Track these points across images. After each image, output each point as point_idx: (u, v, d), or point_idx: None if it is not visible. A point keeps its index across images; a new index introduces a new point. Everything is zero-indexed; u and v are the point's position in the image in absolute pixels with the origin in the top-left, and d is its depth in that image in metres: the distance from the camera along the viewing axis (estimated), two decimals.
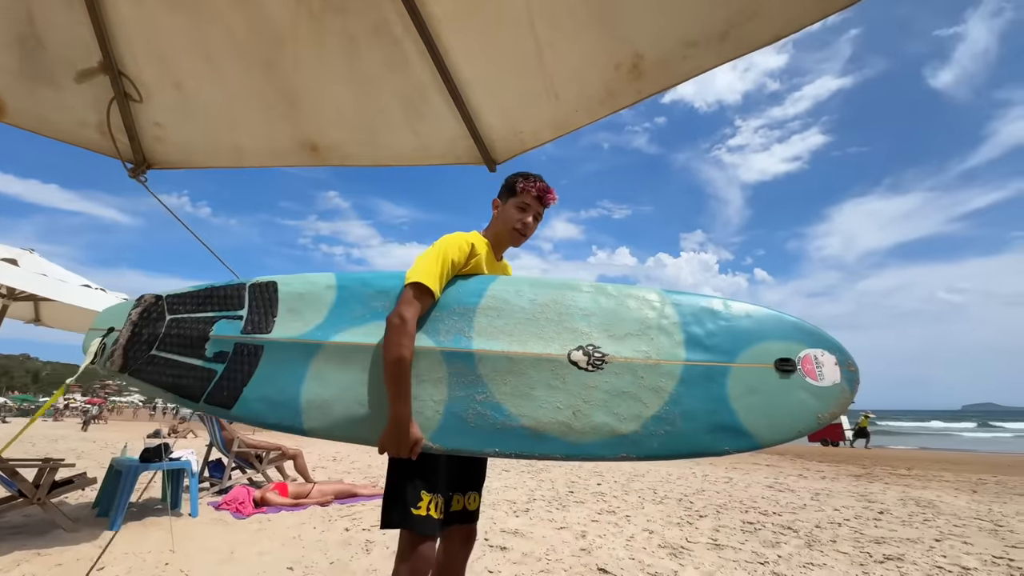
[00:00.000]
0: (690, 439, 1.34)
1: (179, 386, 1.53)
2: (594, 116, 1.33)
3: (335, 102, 1.50)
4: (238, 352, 1.53)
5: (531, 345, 1.42)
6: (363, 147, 1.63)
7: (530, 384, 1.39)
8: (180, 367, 1.55)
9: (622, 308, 1.47)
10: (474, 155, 1.63)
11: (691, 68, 1.11)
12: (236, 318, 1.57)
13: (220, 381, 1.51)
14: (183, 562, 2.93)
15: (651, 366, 1.38)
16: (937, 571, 3.03)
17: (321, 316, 1.53)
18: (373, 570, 2.85)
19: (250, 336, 1.53)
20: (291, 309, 1.57)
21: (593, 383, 1.37)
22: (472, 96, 1.45)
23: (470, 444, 1.37)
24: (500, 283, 1.53)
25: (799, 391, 1.34)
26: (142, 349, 1.58)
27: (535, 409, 1.37)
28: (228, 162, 1.64)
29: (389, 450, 1.32)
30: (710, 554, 3.30)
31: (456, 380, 1.41)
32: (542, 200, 1.58)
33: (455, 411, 1.38)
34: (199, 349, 1.55)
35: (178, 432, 16.42)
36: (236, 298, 1.60)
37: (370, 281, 1.57)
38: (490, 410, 1.37)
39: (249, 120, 1.56)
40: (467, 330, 1.45)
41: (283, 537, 3.51)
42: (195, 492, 4.19)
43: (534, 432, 1.36)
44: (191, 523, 3.87)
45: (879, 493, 6.17)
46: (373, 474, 6.73)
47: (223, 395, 1.50)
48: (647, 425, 1.34)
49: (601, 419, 1.34)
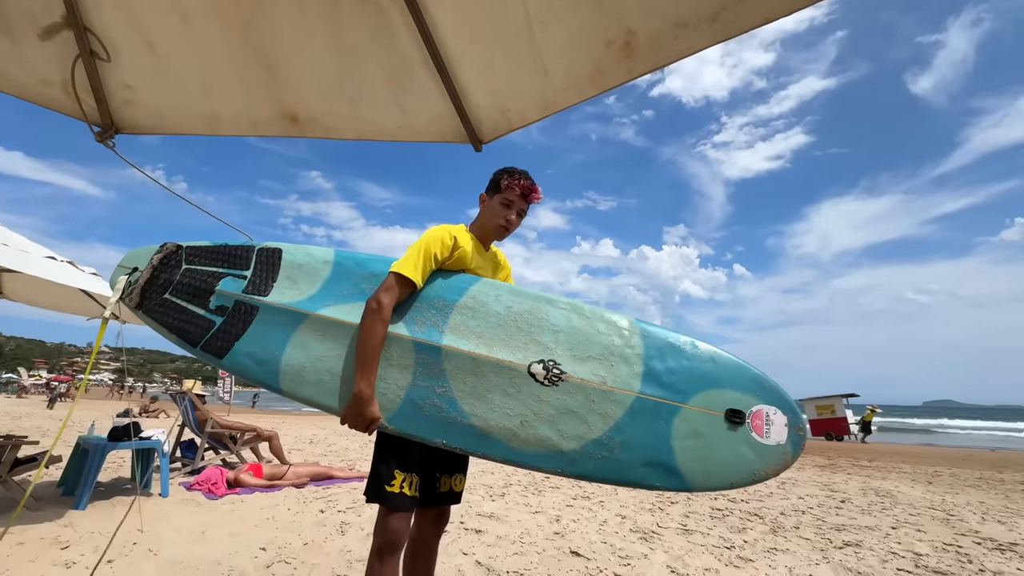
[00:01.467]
0: (624, 469, 1.37)
1: (182, 330, 1.67)
2: (583, 95, 1.30)
3: (317, 71, 1.44)
4: (237, 309, 1.65)
5: (497, 350, 1.48)
6: (345, 120, 1.57)
7: (488, 387, 1.45)
8: (185, 313, 1.68)
9: (591, 330, 1.50)
10: (460, 133, 1.59)
11: (682, 48, 1.09)
12: (241, 277, 1.70)
13: (217, 332, 1.64)
14: (151, 541, 2.88)
15: (604, 392, 1.42)
16: (892, 557, 3.17)
17: (314, 288, 1.64)
18: (347, 551, 2.84)
19: (250, 296, 1.65)
20: (289, 277, 1.67)
21: (546, 397, 1.43)
22: (459, 71, 1.41)
23: (422, 432, 1.44)
24: (482, 285, 1.59)
25: (742, 445, 1.35)
26: (157, 291, 1.73)
27: (487, 411, 1.43)
28: (203, 129, 1.57)
29: (348, 422, 1.41)
30: (679, 539, 3.39)
31: (421, 370, 1.48)
32: (526, 198, 1.64)
33: (414, 399, 1.46)
34: (204, 300, 1.68)
35: (149, 411, 16.07)
36: (244, 259, 1.72)
37: (364, 263, 1.66)
38: (446, 404, 1.45)
39: (226, 86, 1.49)
40: (441, 325, 1.52)
41: (256, 518, 3.47)
42: (166, 472, 4.12)
43: (481, 432, 1.42)
44: (161, 503, 3.81)
45: (842, 483, 6.41)
46: (350, 456, 6.70)
47: (217, 345, 1.63)
48: (587, 447, 1.38)
49: (545, 433, 1.40)
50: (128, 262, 1.81)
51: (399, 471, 1.43)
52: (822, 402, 22.10)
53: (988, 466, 10.08)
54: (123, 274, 1.77)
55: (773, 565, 2.91)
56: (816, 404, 22.14)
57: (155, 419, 14.73)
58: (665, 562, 2.89)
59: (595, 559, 2.88)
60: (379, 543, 1.40)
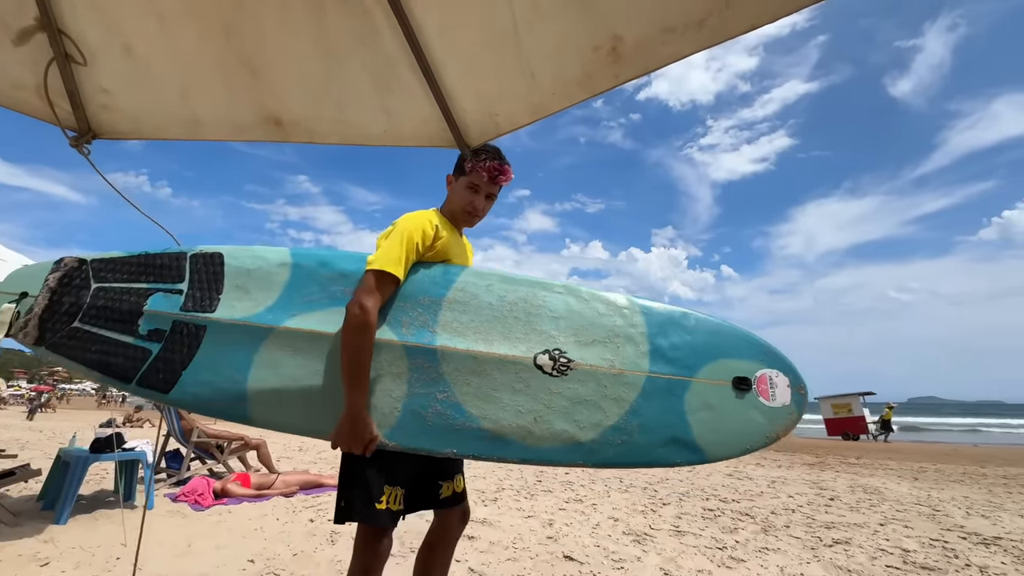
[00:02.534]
0: (645, 451, 1.33)
1: (106, 364, 1.39)
2: (572, 100, 1.30)
3: (301, 74, 1.41)
4: (176, 331, 1.40)
5: (497, 345, 1.38)
6: (330, 124, 1.55)
7: (493, 386, 1.34)
8: (108, 343, 1.40)
9: (592, 313, 1.44)
10: (447, 138, 1.58)
11: (669, 54, 1.10)
12: (175, 292, 1.44)
13: (155, 362, 1.38)
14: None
15: (615, 375, 1.37)
16: (880, 553, 3.21)
17: (272, 297, 1.42)
18: (337, 561, 2.80)
19: (191, 314, 1.41)
20: (238, 286, 1.44)
21: (557, 388, 1.35)
22: (445, 75, 1.39)
23: (427, 444, 1.32)
24: (469, 275, 1.47)
25: (752, 410, 1.35)
26: (62, 320, 1.42)
27: (497, 412, 1.33)
28: (183, 133, 1.54)
29: (342, 445, 1.26)
30: (672, 540, 3.39)
31: (417, 377, 1.35)
32: (494, 180, 1.51)
33: (414, 409, 1.33)
34: (131, 324, 1.41)
35: (133, 421, 15.77)
36: (175, 269, 1.45)
37: (329, 262, 1.46)
38: (451, 410, 1.33)
39: (207, 89, 1.46)
40: (431, 324, 1.38)
41: (244, 529, 3.41)
42: (150, 484, 4.03)
43: (494, 435, 1.32)
44: (146, 516, 3.72)
45: (830, 481, 6.48)
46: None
47: (158, 377, 1.37)
48: (605, 435, 1.32)
49: (561, 426, 1.32)
50: (11, 286, 1.47)
51: (388, 485, 1.31)
52: (838, 401, 21.27)
53: (971, 461, 10.28)
54: (7, 300, 1.44)
55: (765, 565, 2.93)
56: (832, 403, 21.35)
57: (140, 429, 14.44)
58: (658, 564, 2.89)
59: (588, 563, 2.87)
60: (365, 564, 1.29)
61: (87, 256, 1.49)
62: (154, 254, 1.49)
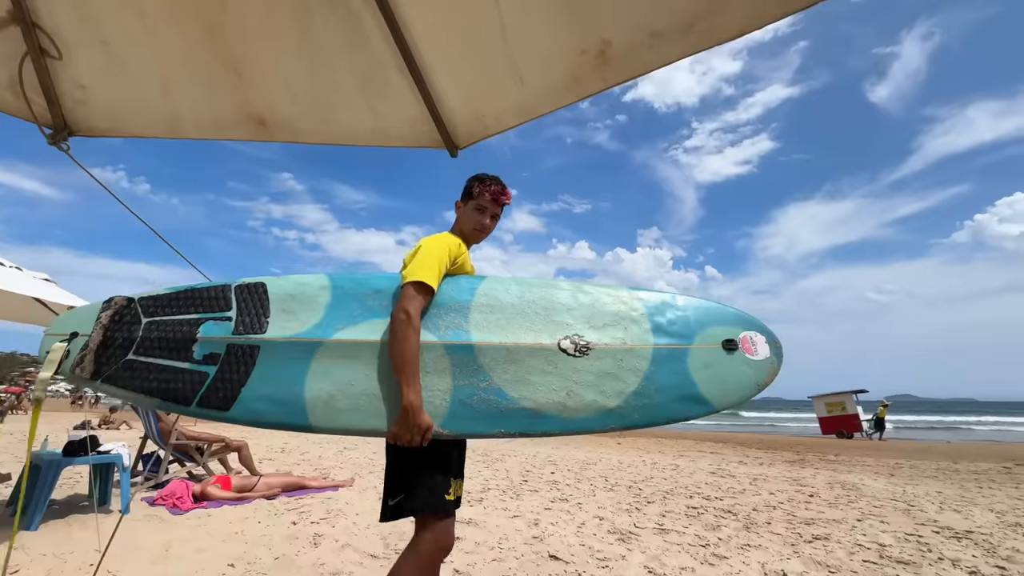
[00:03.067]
0: (664, 409, 1.55)
1: (165, 390, 1.49)
2: (559, 102, 1.30)
3: (285, 74, 1.39)
4: (232, 353, 1.52)
5: (524, 336, 1.58)
6: (316, 124, 1.53)
7: (527, 370, 1.54)
8: (166, 371, 1.51)
9: (598, 303, 1.67)
10: (435, 139, 1.57)
11: (656, 58, 1.10)
12: (225, 319, 1.57)
13: (214, 383, 1.49)
14: (110, 562, 2.74)
15: (628, 350, 1.59)
16: (858, 548, 3.29)
17: (318, 316, 1.58)
18: (321, 564, 2.77)
19: (244, 336, 1.54)
20: (285, 309, 1.60)
21: (581, 367, 1.55)
22: (433, 76, 1.38)
23: (478, 428, 1.48)
24: (490, 282, 1.68)
25: (742, 365, 1.61)
26: (116, 354, 1.52)
27: (534, 392, 1.52)
28: (163, 132, 1.50)
29: (402, 438, 1.39)
30: (656, 538, 3.43)
31: (459, 371, 1.52)
32: (497, 201, 1.73)
33: (461, 398, 1.50)
34: (186, 351, 1.52)
35: (110, 423, 15.35)
36: (222, 300, 1.60)
37: (364, 281, 1.65)
38: (494, 395, 1.51)
39: (188, 87, 1.42)
40: (464, 325, 1.57)
41: (224, 532, 3.35)
42: (127, 487, 3.92)
43: (535, 412, 1.50)
44: (122, 521, 3.63)
45: (810, 477, 6.62)
46: (325, 465, 6.54)
47: (219, 397, 1.48)
48: (629, 400, 1.54)
49: (591, 397, 1.52)
50: (61, 328, 1.58)
51: (452, 479, 1.52)
52: (832, 399, 21.08)
53: (944, 457, 10.59)
54: (57, 341, 1.53)
55: (747, 561, 2.98)
56: (826, 401, 21.18)
57: (116, 431, 14.07)
58: (642, 562, 2.92)
59: (574, 562, 2.88)
60: (435, 549, 1.44)
61: (134, 295, 1.62)
62: (200, 288, 1.63)
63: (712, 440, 15.04)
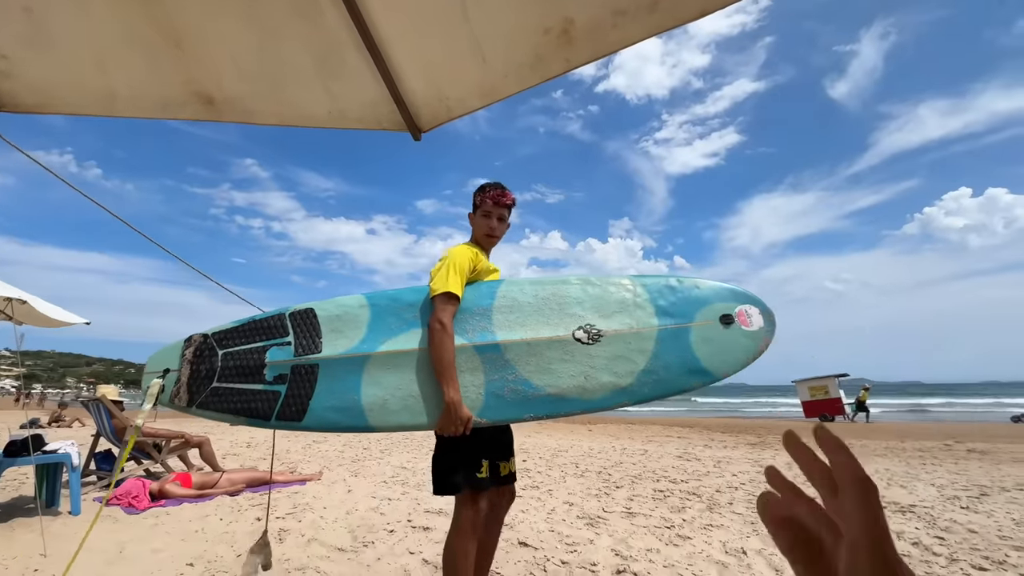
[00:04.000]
0: (672, 382, 1.71)
1: (249, 410, 1.74)
2: (524, 84, 1.27)
3: (232, 48, 1.29)
4: (296, 372, 1.76)
5: (542, 331, 1.77)
6: (268, 104, 1.44)
7: (548, 361, 1.73)
8: (245, 393, 1.75)
9: (605, 293, 1.84)
10: (397, 121, 1.50)
11: (620, 38, 1.08)
12: (286, 344, 1.80)
13: (286, 400, 1.73)
14: (58, 566, 2.60)
15: (635, 334, 1.76)
16: None
17: (362, 332, 1.81)
18: (286, 559, 2.70)
19: (304, 357, 1.77)
20: (333, 329, 1.82)
21: (595, 353, 1.74)
22: (393, 55, 1.32)
23: (510, 414, 1.70)
24: (507, 285, 1.88)
25: (739, 336, 1.77)
26: (204, 383, 1.77)
27: (556, 379, 1.72)
28: (99, 109, 1.38)
29: (447, 429, 1.62)
30: (624, 522, 3.50)
31: (489, 367, 1.73)
32: (499, 203, 1.93)
33: (493, 391, 1.71)
34: (258, 375, 1.76)
35: (60, 421, 14.58)
36: (280, 327, 1.84)
37: (397, 297, 1.88)
38: (522, 385, 1.71)
39: (125, 60, 1.31)
40: (489, 326, 1.78)
41: (183, 531, 3.23)
42: (76, 487, 3.73)
43: (558, 396, 1.70)
44: (72, 522, 3.45)
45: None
46: (292, 459, 6.40)
47: (292, 411, 1.72)
48: (639, 377, 1.71)
49: (606, 379, 1.71)
50: (154, 366, 1.83)
51: (484, 459, 1.75)
52: (815, 383, 21.14)
53: (892, 436, 11.24)
54: (154, 378, 1.78)
55: (708, 540, 3.08)
56: (809, 386, 21.27)
57: (68, 429, 13.39)
58: (609, 545, 2.97)
59: (542, 548, 2.92)
60: (472, 518, 1.72)
61: (208, 331, 1.86)
62: (259, 318, 1.86)
63: (680, 425, 15.50)
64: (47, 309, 4.85)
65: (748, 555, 2.82)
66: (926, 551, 2.91)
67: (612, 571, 2.60)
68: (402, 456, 6.61)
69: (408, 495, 4.28)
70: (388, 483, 4.80)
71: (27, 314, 4.76)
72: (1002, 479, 5.21)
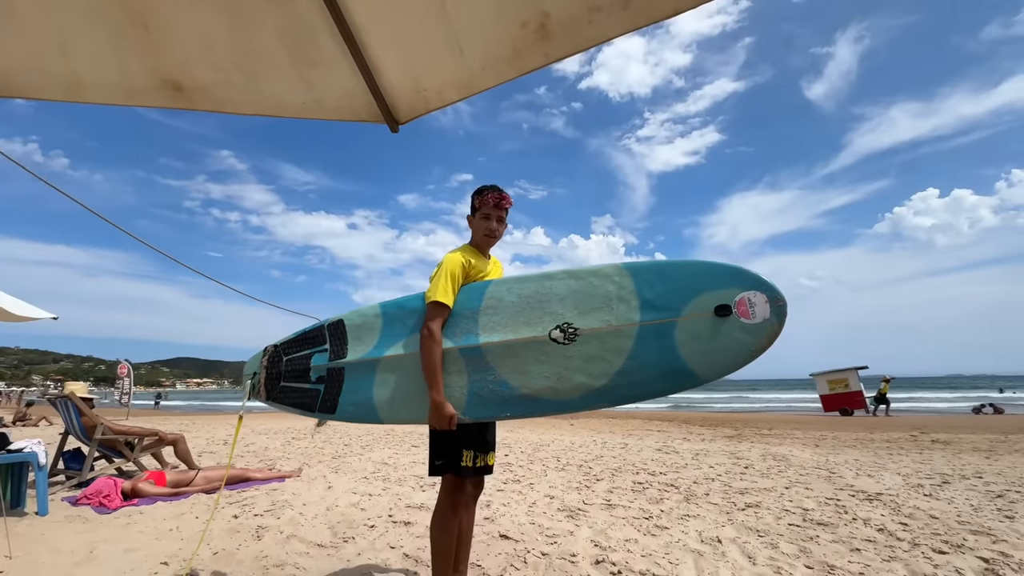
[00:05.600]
0: (648, 385, 1.64)
1: (303, 404, 2.08)
2: (501, 77, 1.27)
3: (202, 33, 1.25)
4: (330, 374, 2.05)
5: (521, 331, 1.79)
6: (240, 92, 1.41)
7: (524, 362, 1.76)
8: (299, 391, 2.10)
9: (588, 287, 1.78)
10: (374, 112, 1.49)
11: (596, 34, 1.09)
12: (324, 351, 2.10)
13: (324, 396, 2.04)
14: (25, 568, 2.52)
15: (613, 332, 1.69)
16: (785, 513, 3.55)
17: (375, 338, 2.02)
18: (264, 556, 2.67)
19: (335, 362, 2.05)
20: (356, 337, 2.06)
21: (570, 353, 1.71)
22: (369, 44, 1.30)
23: (490, 413, 1.79)
24: (493, 286, 1.91)
25: (735, 331, 1.57)
26: (276, 383, 2.16)
27: (530, 380, 1.74)
28: (62, 95, 1.33)
29: (434, 425, 1.77)
30: (603, 514, 3.56)
31: (472, 369, 1.81)
32: (498, 206, 2.02)
33: (475, 391, 1.80)
34: (307, 376, 2.09)
35: (27, 419, 14.08)
36: (320, 337, 2.13)
37: (403, 304, 2.03)
38: (499, 386, 1.77)
39: (88, 44, 1.26)
40: (474, 329, 1.85)
41: (157, 530, 3.16)
42: (43, 487, 3.61)
43: (531, 398, 1.73)
44: (39, 523, 3.34)
45: (746, 451, 7.07)
46: (271, 456, 6.31)
47: (327, 405, 2.02)
48: (614, 379, 1.66)
49: (579, 380, 1.69)
50: (248, 371, 2.28)
51: (465, 449, 1.87)
52: (834, 376, 20.01)
53: (862, 428, 11.62)
54: (248, 380, 2.23)
55: (685, 530, 3.15)
56: (828, 379, 20.13)
57: (35, 428, 12.94)
58: (589, 537, 3.02)
59: (523, 540, 2.94)
60: (454, 501, 1.89)
61: (277, 342, 2.23)
62: (308, 330, 2.17)
63: (660, 419, 15.75)
64: (11, 304, 4.67)
65: (723, 543, 2.89)
66: (890, 536, 3.03)
67: (591, 561, 2.64)
68: (383, 452, 6.57)
69: (389, 491, 4.26)
70: (369, 479, 4.77)
71: None
72: (962, 467, 5.44)
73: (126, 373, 14.77)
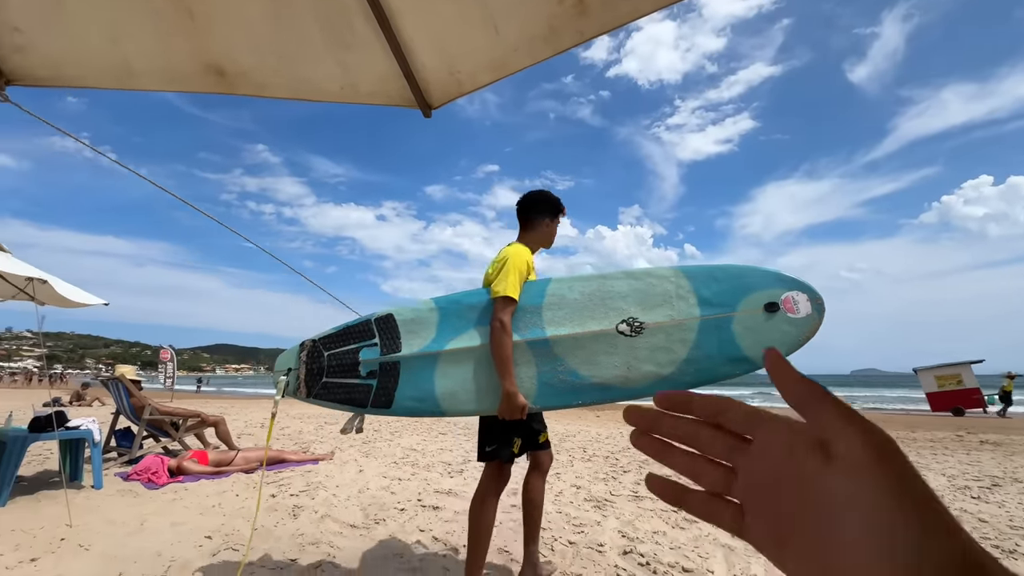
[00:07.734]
0: (713, 371, 1.77)
1: (350, 400, 2.04)
2: (536, 57, 1.24)
3: (243, 20, 1.28)
4: (383, 369, 2.02)
5: (588, 325, 1.88)
6: (279, 77, 1.43)
7: (594, 353, 1.85)
8: (347, 387, 2.05)
9: (648, 287, 1.90)
10: (407, 96, 1.49)
11: (631, 9, 1.05)
12: (374, 345, 2.07)
13: (377, 391, 2.01)
14: (83, 536, 2.70)
15: (676, 325, 1.83)
16: None
17: (432, 332, 2.03)
18: (300, 534, 2.77)
19: (388, 356, 2.03)
20: (410, 331, 2.06)
21: (637, 344, 1.83)
22: (403, 27, 1.30)
23: (560, 401, 1.86)
24: (555, 284, 2.00)
25: (784, 324, 1.77)
26: (317, 379, 2.08)
27: (601, 370, 1.83)
28: (113, 83, 1.39)
29: (506, 416, 1.82)
30: (630, 505, 3.53)
31: (540, 360, 1.90)
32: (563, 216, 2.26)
33: (545, 381, 1.88)
34: (355, 371, 2.05)
35: (82, 400, 15.00)
36: (368, 331, 2.10)
37: (460, 300, 2.08)
38: (570, 376, 1.86)
39: (138, 33, 1.31)
40: (540, 323, 1.93)
41: (201, 506, 3.32)
42: (98, 463, 3.85)
43: (602, 385, 1.83)
44: (95, 495, 3.56)
45: None
46: (305, 439, 6.53)
47: (382, 399, 2.00)
48: (681, 367, 1.79)
49: (648, 368, 1.80)
50: (281, 366, 2.17)
51: (516, 436, 2.02)
52: (944, 371, 17.40)
53: (903, 427, 11.12)
54: (280, 376, 2.13)
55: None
56: (936, 374, 17.52)
57: (89, 408, 13.77)
58: (616, 527, 3.00)
59: (550, 528, 2.95)
60: (496, 486, 2.02)
61: (315, 336, 2.15)
62: (352, 324, 2.12)
63: None
64: (66, 290, 4.95)
65: None
66: None
67: (619, 552, 2.63)
68: (412, 439, 6.70)
69: (418, 476, 4.35)
70: (398, 464, 4.88)
71: (48, 295, 4.86)
72: (1015, 470, 5.14)
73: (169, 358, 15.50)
